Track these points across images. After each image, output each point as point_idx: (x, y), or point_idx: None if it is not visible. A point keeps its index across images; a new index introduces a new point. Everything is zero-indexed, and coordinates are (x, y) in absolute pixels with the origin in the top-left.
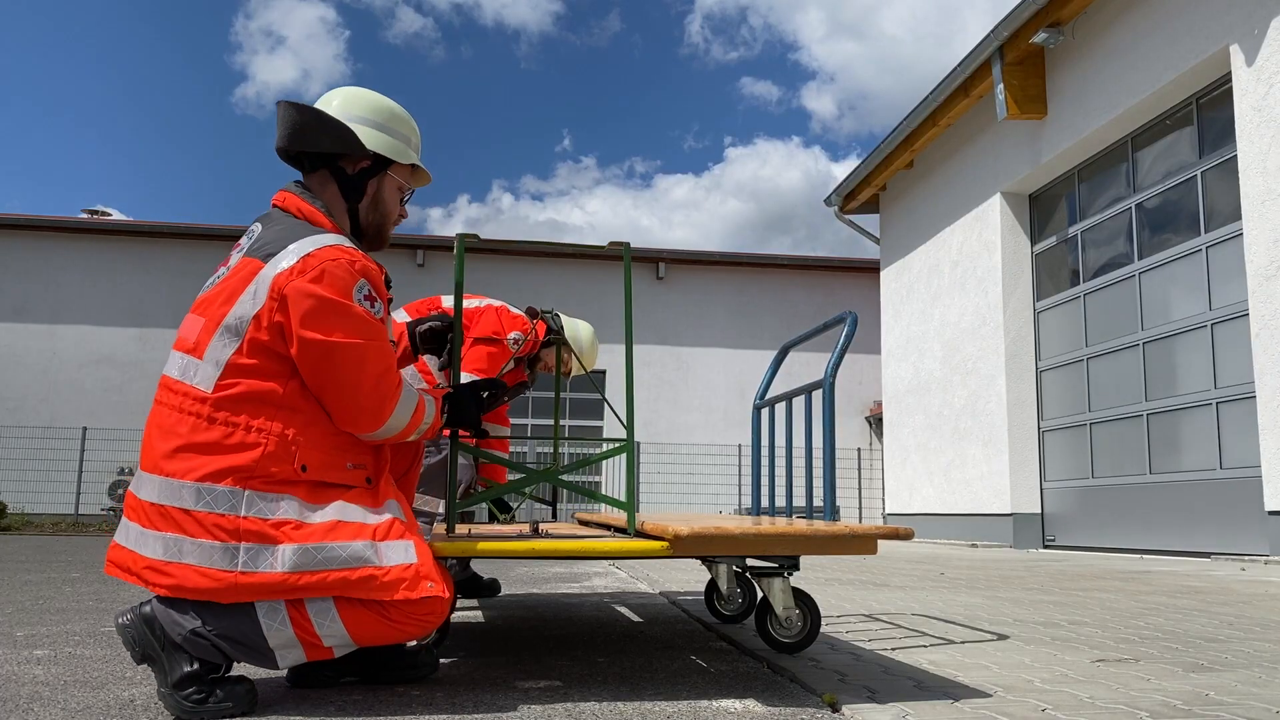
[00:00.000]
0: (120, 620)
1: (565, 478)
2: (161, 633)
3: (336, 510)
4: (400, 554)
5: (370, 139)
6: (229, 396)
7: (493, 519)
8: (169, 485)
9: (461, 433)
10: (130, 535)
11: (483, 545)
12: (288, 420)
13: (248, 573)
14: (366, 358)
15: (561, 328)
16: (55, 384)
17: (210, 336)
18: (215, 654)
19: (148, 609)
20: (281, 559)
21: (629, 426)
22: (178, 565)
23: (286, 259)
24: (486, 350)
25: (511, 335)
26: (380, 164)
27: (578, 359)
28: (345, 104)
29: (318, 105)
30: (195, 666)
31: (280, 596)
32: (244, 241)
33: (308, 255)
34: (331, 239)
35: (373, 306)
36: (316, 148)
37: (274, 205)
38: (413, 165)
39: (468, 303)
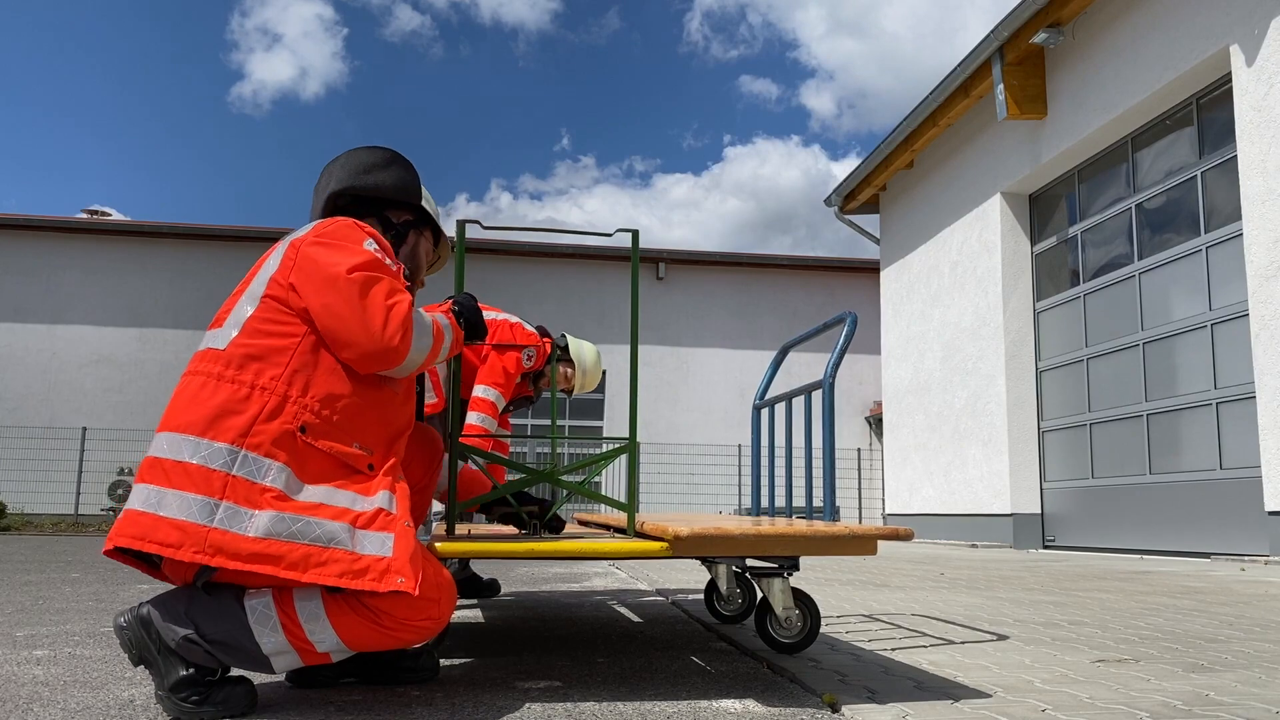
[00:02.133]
0: (119, 622)
1: (566, 479)
2: (157, 636)
3: (324, 494)
4: (376, 545)
5: (418, 194)
6: (241, 353)
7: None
8: (172, 439)
9: (464, 436)
10: (132, 495)
11: (483, 546)
12: (292, 379)
13: (220, 529)
14: (375, 284)
15: (567, 346)
16: (55, 384)
17: (236, 301)
18: (210, 660)
19: (144, 611)
20: (256, 524)
21: (632, 426)
22: (152, 515)
23: (306, 228)
24: (501, 364)
25: (525, 351)
26: (423, 219)
27: (579, 380)
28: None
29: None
30: (191, 670)
31: (245, 566)
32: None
33: (320, 222)
34: (354, 221)
35: (383, 258)
36: (378, 186)
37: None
38: (439, 236)
39: (485, 314)
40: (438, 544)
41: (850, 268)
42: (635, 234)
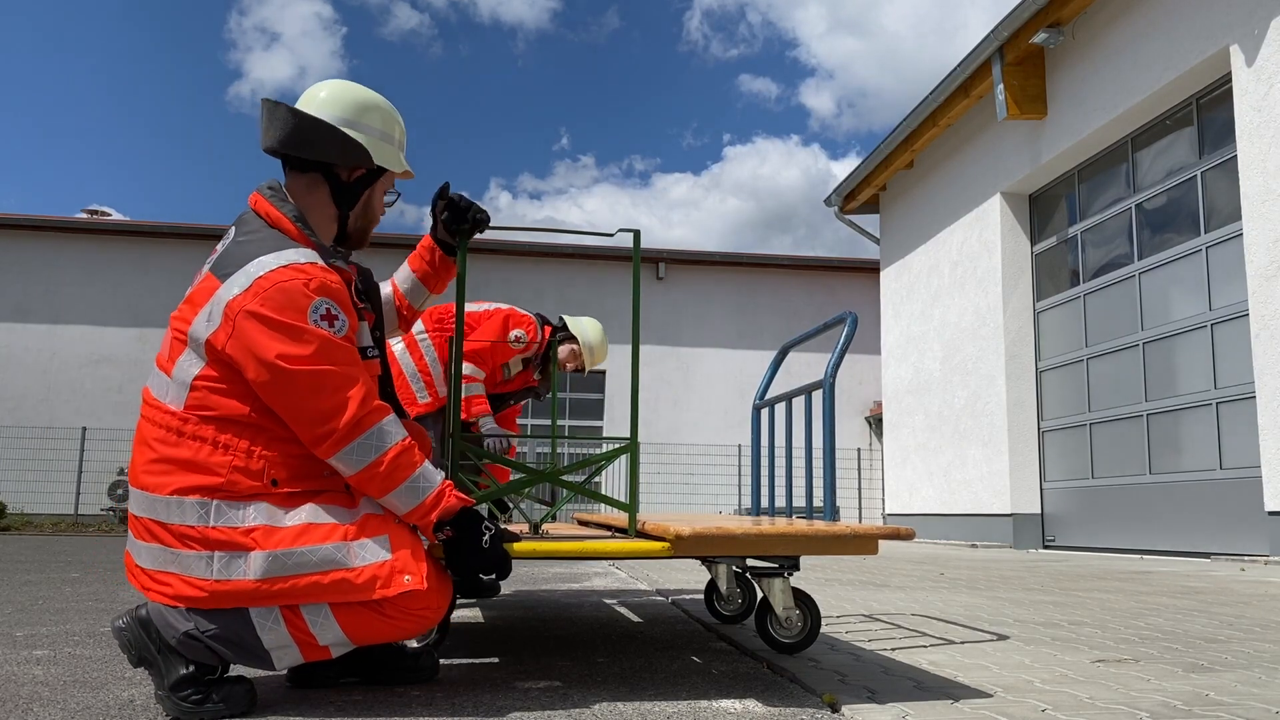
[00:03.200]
0: (116, 624)
1: (567, 478)
2: (157, 636)
3: (308, 513)
4: (373, 552)
5: (372, 149)
6: (196, 415)
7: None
8: (146, 499)
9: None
10: (133, 544)
11: None
12: (254, 437)
13: (222, 580)
14: (323, 381)
15: (565, 326)
16: (55, 384)
17: (178, 354)
18: (210, 656)
19: (143, 612)
20: (253, 566)
21: (633, 426)
22: (169, 574)
23: (240, 281)
24: (475, 347)
25: (513, 333)
26: (376, 173)
27: (586, 352)
28: (340, 107)
29: (302, 98)
30: (191, 669)
31: (259, 604)
32: (217, 248)
33: (260, 278)
34: (290, 256)
35: (332, 326)
36: (318, 156)
37: (249, 206)
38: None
39: (478, 306)
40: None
41: (850, 268)
42: (637, 234)
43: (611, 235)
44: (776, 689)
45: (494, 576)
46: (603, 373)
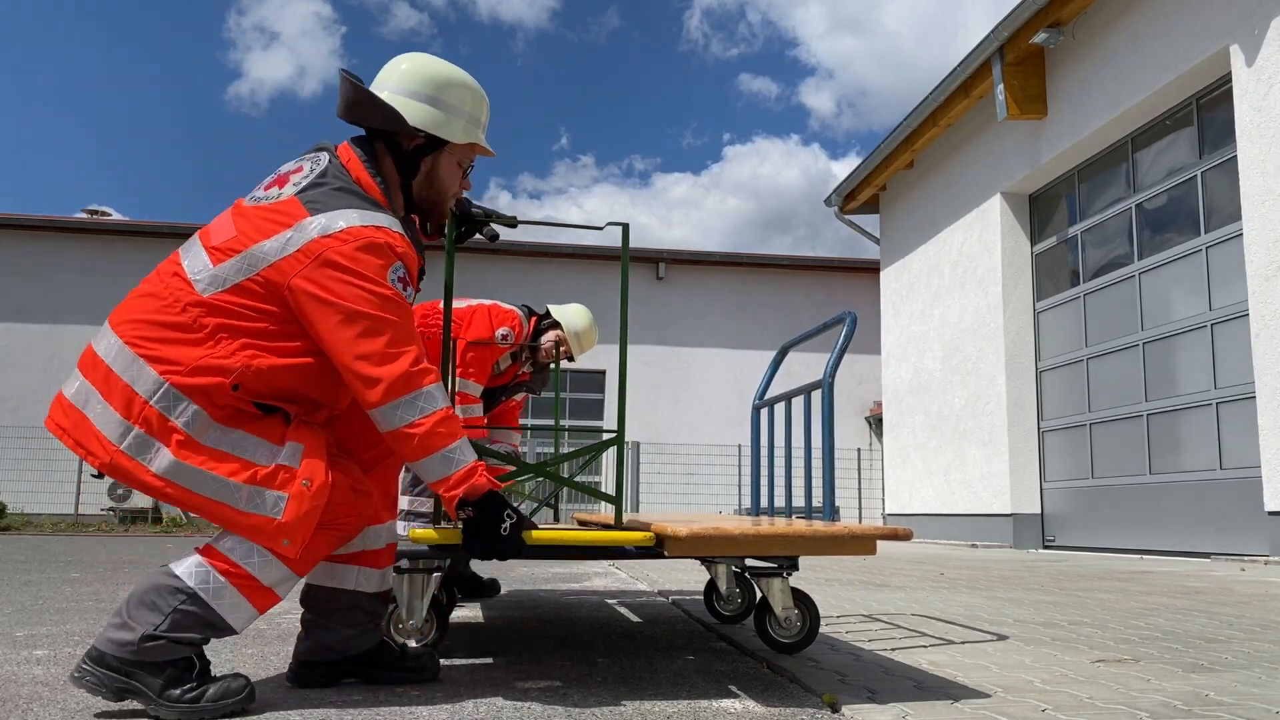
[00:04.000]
0: (74, 676)
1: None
2: (117, 661)
3: (233, 441)
4: (269, 505)
5: (423, 117)
6: (213, 307)
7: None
8: (119, 345)
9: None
10: (71, 378)
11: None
12: (253, 356)
13: (126, 456)
14: (388, 330)
15: (548, 314)
16: (55, 384)
17: (233, 255)
18: (176, 648)
19: (92, 653)
20: (159, 461)
21: (620, 419)
22: (79, 413)
23: (327, 224)
24: (473, 354)
25: (499, 331)
26: (435, 143)
27: (573, 340)
28: (405, 77)
29: (384, 70)
30: (169, 670)
31: (143, 491)
32: (298, 175)
33: (350, 229)
34: (380, 219)
35: (405, 290)
36: (370, 124)
37: (338, 154)
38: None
39: (459, 303)
40: (426, 533)
41: (850, 268)
42: (625, 228)
43: (600, 229)
44: (776, 689)
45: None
46: (602, 373)
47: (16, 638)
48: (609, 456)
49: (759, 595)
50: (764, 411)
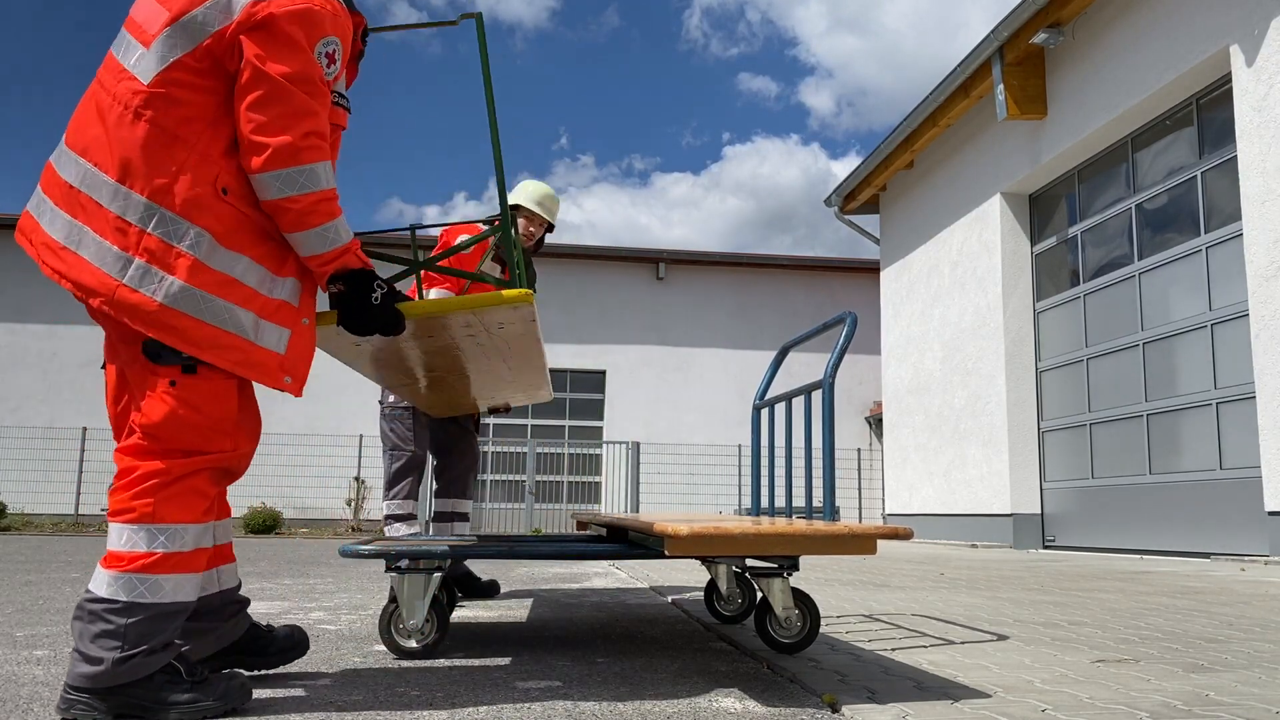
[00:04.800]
0: (62, 708)
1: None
2: (106, 689)
3: (242, 268)
4: (274, 340)
5: None
6: (162, 95)
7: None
8: (91, 173)
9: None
10: (43, 209)
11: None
12: (214, 137)
13: (130, 288)
14: (289, 100)
15: (511, 209)
16: (55, 384)
17: (163, 30)
18: (151, 657)
19: (73, 682)
20: (166, 289)
21: (502, 202)
22: (74, 255)
23: None
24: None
25: (460, 239)
26: None
27: (537, 209)
28: None
29: None
30: (158, 678)
31: (145, 328)
32: None
33: None
34: None
35: (329, 67)
36: None
37: None
38: None
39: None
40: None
41: (850, 268)
42: (478, 17)
43: (456, 24)
44: (776, 689)
45: (381, 335)
46: (602, 373)
47: (16, 638)
48: (609, 456)
49: (759, 595)
50: (764, 412)
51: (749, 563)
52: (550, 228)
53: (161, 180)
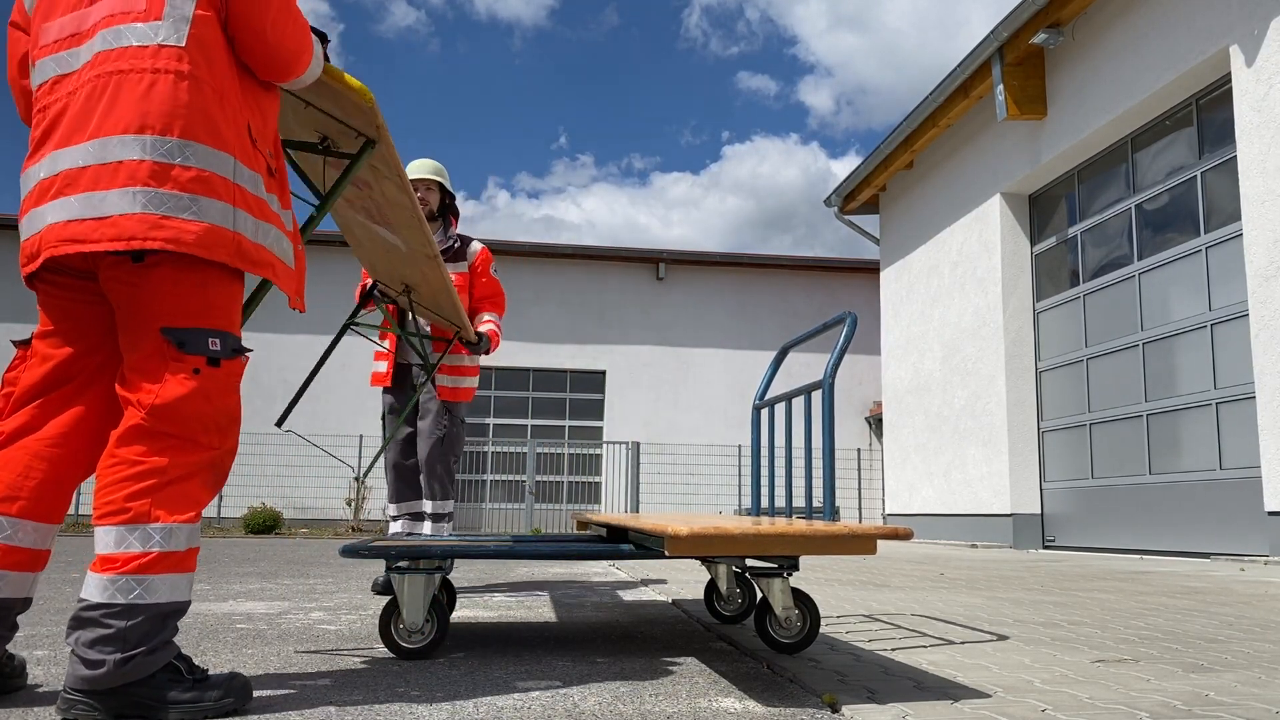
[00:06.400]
0: (62, 708)
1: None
2: (109, 689)
3: (269, 198)
4: (290, 258)
5: None
6: (197, 43)
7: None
8: (104, 144)
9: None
10: (45, 212)
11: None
12: (228, 75)
13: (226, 228)
14: (299, 13)
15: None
16: None
17: None
18: (153, 657)
19: (74, 686)
20: (248, 227)
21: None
22: (174, 220)
23: None
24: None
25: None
26: None
27: (416, 180)
28: None
29: None
30: (159, 677)
31: (220, 256)
32: None
33: None
34: None
35: None
36: None
37: None
38: None
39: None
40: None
41: (850, 268)
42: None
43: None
44: (776, 689)
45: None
46: (602, 373)
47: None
48: (609, 456)
49: (759, 595)
50: (764, 412)
51: (749, 563)
52: (447, 193)
53: (194, 117)
